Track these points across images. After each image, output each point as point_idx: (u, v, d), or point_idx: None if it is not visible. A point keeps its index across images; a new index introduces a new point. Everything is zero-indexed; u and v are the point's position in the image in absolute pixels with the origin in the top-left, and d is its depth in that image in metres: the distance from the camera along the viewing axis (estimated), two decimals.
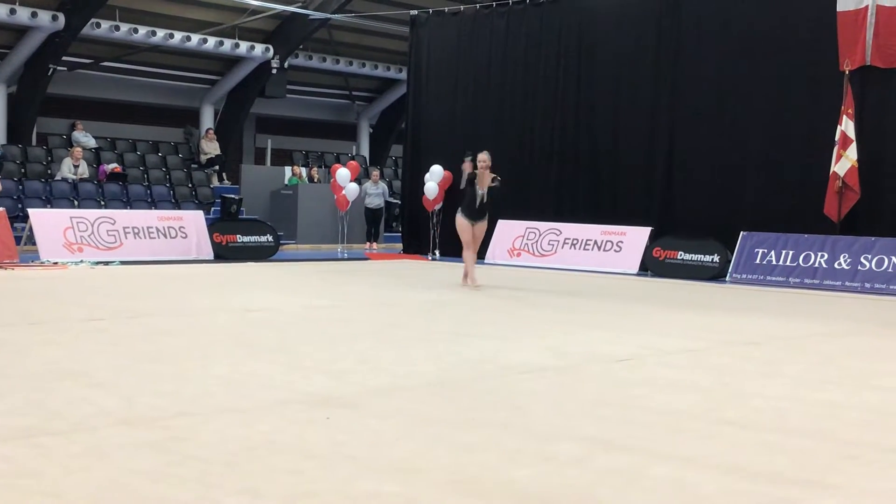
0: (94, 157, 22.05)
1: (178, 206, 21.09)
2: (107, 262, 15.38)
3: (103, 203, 20.07)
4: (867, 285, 13.66)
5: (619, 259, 16.36)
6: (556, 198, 18.09)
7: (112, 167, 21.60)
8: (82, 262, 15.24)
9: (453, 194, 18.16)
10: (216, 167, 23.89)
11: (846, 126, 14.23)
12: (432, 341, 7.94)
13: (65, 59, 21.58)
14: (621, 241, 16.51)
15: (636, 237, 16.35)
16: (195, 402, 5.34)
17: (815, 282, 14.07)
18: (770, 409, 5.56)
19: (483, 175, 12.43)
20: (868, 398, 6.03)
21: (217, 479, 3.93)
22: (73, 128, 22.55)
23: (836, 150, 14.31)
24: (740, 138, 15.82)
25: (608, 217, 16.88)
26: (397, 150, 27.22)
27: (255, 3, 22.17)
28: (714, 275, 15.15)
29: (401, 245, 20.93)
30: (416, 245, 20.07)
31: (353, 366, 6.65)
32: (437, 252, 19.09)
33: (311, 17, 22.97)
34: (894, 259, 13.63)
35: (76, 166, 20.70)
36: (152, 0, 21.75)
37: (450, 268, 15.90)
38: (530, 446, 4.57)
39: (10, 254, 15.02)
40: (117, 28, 21.21)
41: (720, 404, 5.70)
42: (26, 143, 21.68)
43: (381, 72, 26.44)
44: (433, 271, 15.90)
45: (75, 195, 20.17)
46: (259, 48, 23.49)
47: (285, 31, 23.85)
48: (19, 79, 21.60)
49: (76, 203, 19.77)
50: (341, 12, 23.08)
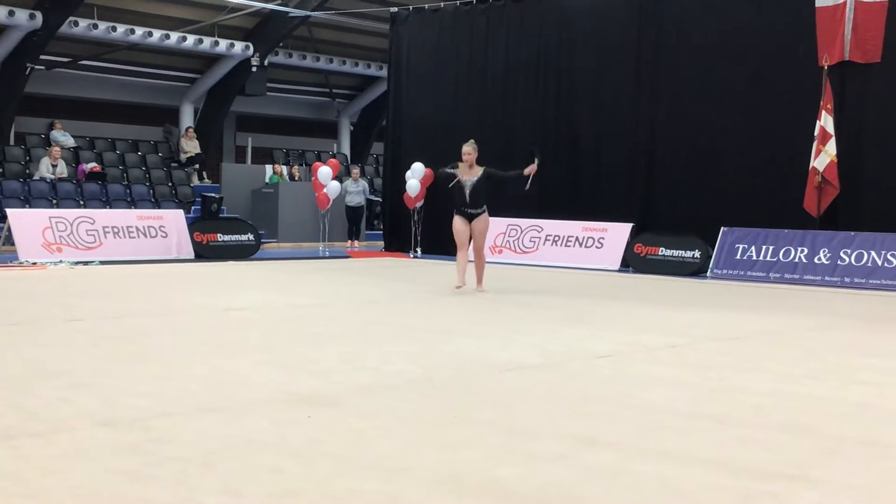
0: (73, 157, 21.93)
1: (158, 205, 20.99)
2: (86, 262, 15.29)
3: (82, 202, 19.96)
4: (847, 280, 13.73)
5: (601, 255, 16.38)
6: (538, 194, 18.05)
7: (91, 166, 21.48)
8: (61, 262, 15.14)
9: (434, 191, 18.16)
10: (196, 166, 23.78)
11: (825, 121, 14.29)
12: (415, 339, 7.92)
13: (43, 57, 21.43)
14: (603, 238, 16.53)
15: (617, 233, 16.38)
16: (175, 402, 5.31)
17: (796, 277, 14.13)
18: (752, 404, 5.57)
19: (468, 168, 11.78)
20: (849, 392, 6.05)
21: (197, 480, 3.90)
22: (51, 127, 22.41)
23: (815, 145, 14.37)
24: (720, 134, 15.88)
25: (589, 213, 16.90)
26: (378, 148, 27.17)
27: (235, 0, 22.08)
28: (695, 270, 15.19)
29: (382, 243, 20.90)
30: (397, 243, 20.05)
31: (335, 364, 6.62)
32: (419, 250, 19.06)
33: (291, 14, 22.90)
34: (873, 254, 13.70)
35: (55, 166, 20.56)
36: None
37: (432, 265, 15.89)
38: (514, 444, 4.56)
39: None
40: (95, 26, 21.07)
41: (703, 400, 5.71)
42: (4, 143, 21.51)
43: (361, 69, 26.39)
44: (415, 269, 15.89)
45: (54, 195, 20.04)
46: (239, 46, 23.39)
47: (265, 29, 23.76)
48: None
49: (55, 203, 19.64)
50: (321, 9, 23.02)
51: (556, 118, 17.90)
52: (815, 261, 14.10)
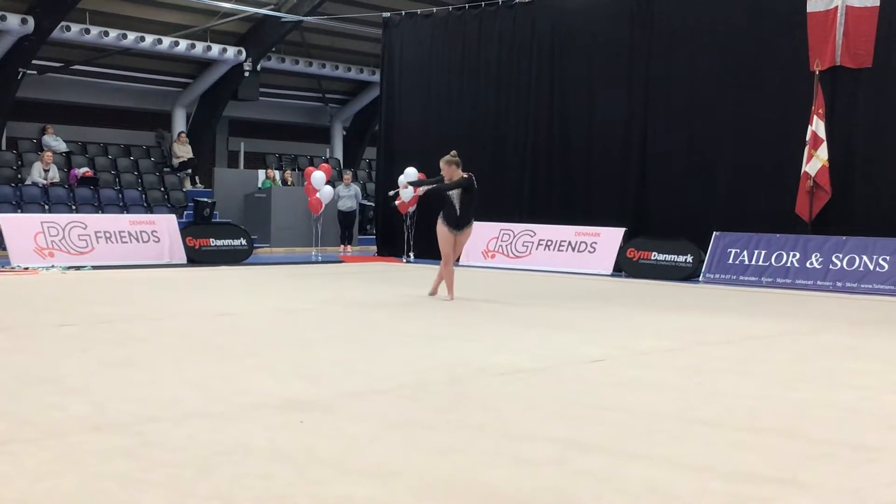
0: (65, 162, 21.89)
1: (150, 209, 20.96)
2: (78, 267, 15.26)
3: (74, 207, 19.92)
4: (839, 284, 13.76)
5: (594, 260, 16.40)
6: (531, 199, 18.12)
7: (83, 171, 21.44)
8: (53, 267, 15.12)
9: (427, 197, 18.15)
10: (189, 171, 23.76)
11: (817, 126, 14.34)
12: (406, 344, 7.92)
13: (35, 62, 21.39)
14: (595, 242, 16.55)
15: (610, 238, 16.40)
16: (167, 408, 5.30)
17: (788, 281, 14.16)
18: (743, 409, 5.58)
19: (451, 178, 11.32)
20: (840, 397, 6.07)
21: (189, 485, 3.90)
22: (43, 132, 22.38)
23: (806, 150, 14.42)
24: (712, 139, 15.93)
25: (582, 218, 16.93)
26: (371, 153, 27.17)
27: (227, 5, 22.08)
28: (687, 275, 15.22)
29: (375, 248, 20.89)
30: (390, 247, 20.04)
31: (327, 369, 6.62)
32: (412, 254, 19.06)
33: (284, 19, 22.90)
34: (865, 258, 13.74)
35: (47, 170, 20.53)
36: (123, 3, 21.60)
37: (424, 270, 15.87)
38: (505, 448, 4.56)
39: None
40: (87, 31, 21.06)
41: (693, 404, 5.72)
42: None
43: (354, 74, 26.40)
44: (407, 274, 15.89)
45: (46, 200, 20.00)
46: (231, 51, 23.39)
47: (257, 34, 23.76)
48: None
49: (47, 208, 19.61)
50: (314, 14, 23.03)
51: (549, 123, 17.93)
52: (807, 265, 14.13)
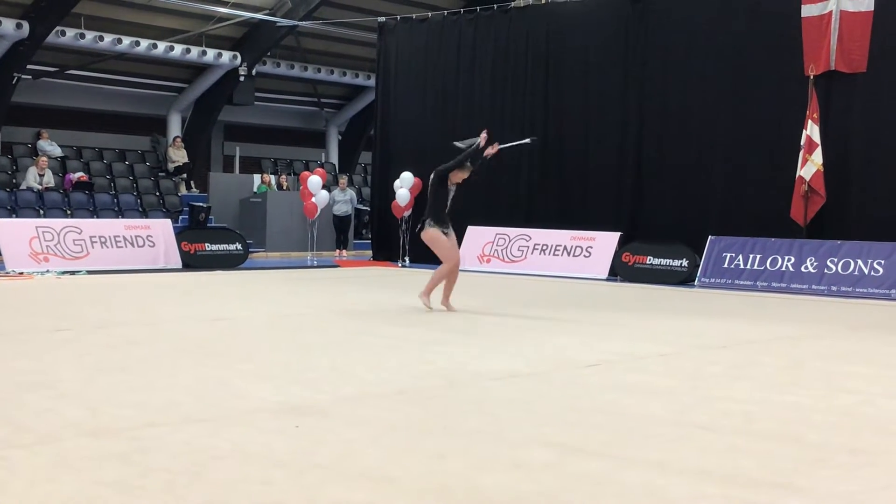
0: (60, 166, 21.86)
1: (145, 214, 20.94)
2: (73, 272, 15.24)
3: (69, 212, 19.90)
4: (834, 288, 13.78)
5: (589, 264, 16.41)
6: (526, 203, 18.13)
7: (78, 176, 21.42)
8: (48, 271, 15.09)
9: (424, 201, 18.15)
10: (184, 175, 23.74)
11: (811, 130, 14.36)
12: (402, 349, 7.92)
13: (30, 67, 21.38)
14: (591, 247, 16.56)
15: (605, 242, 16.41)
16: (163, 413, 5.29)
17: (783, 285, 14.18)
18: (738, 413, 5.58)
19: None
20: (835, 401, 6.07)
21: (185, 490, 3.90)
22: (38, 136, 22.35)
23: (801, 155, 14.43)
24: (707, 143, 15.95)
25: (578, 222, 16.93)
26: (366, 157, 27.18)
27: (223, 10, 22.08)
28: (683, 279, 15.23)
29: (370, 252, 20.89)
30: (385, 252, 20.04)
31: (323, 374, 6.62)
32: (407, 259, 19.06)
33: (279, 24, 22.91)
34: (860, 262, 13.75)
35: (42, 175, 20.50)
36: (118, 7, 21.60)
37: (420, 275, 15.85)
38: (501, 453, 4.56)
39: None
40: (83, 36, 21.04)
41: (689, 408, 5.72)
42: None
43: (349, 79, 26.41)
44: (403, 278, 15.89)
45: (41, 204, 19.98)
46: (226, 55, 23.39)
47: (253, 39, 23.77)
48: None
49: (42, 212, 19.58)
50: (309, 19, 23.04)
51: (544, 127, 17.92)
52: (802, 269, 14.15)
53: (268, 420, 5.16)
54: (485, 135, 10.66)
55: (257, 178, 23.99)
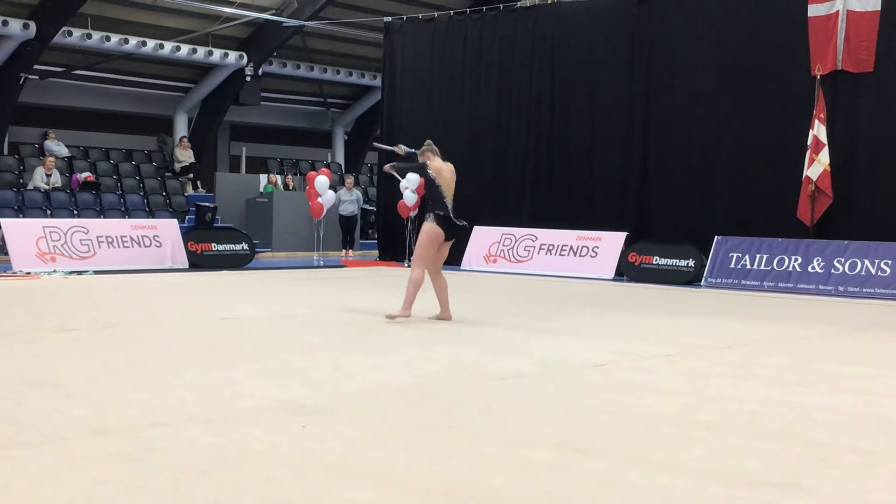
0: (67, 166, 21.90)
1: (152, 214, 20.96)
2: (80, 272, 15.26)
3: (76, 212, 19.93)
4: (840, 288, 13.75)
5: (595, 264, 16.39)
6: (532, 203, 18.11)
7: (85, 176, 21.45)
8: (55, 271, 15.11)
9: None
10: (190, 175, 23.77)
11: (818, 130, 14.33)
12: (408, 348, 7.92)
13: (36, 67, 21.42)
14: (597, 247, 16.55)
15: (612, 242, 16.39)
16: (168, 412, 5.30)
17: (789, 285, 14.15)
18: (744, 413, 5.58)
19: (440, 168, 10.14)
20: (841, 401, 6.06)
21: (189, 489, 3.90)
22: (45, 137, 22.40)
23: (808, 154, 14.40)
24: (714, 143, 15.92)
25: (584, 222, 16.92)
26: (372, 157, 27.18)
27: (229, 10, 22.10)
28: (689, 279, 15.20)
29: (376, 252, 20.89)
30: (391, 252, 20.04)
31: (328, 373, 6.62)
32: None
33: (285, 24, 22.92)
34: (867, 262, 13.72)
35: (49, 175, 20.54)
36: (125, 8, 21.62)
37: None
38: (506, 453, 4.56)
39: None
40: (89, 36, 21.07)
41: (694, 408, 5.71)
42: None
43: (355, 79, 26.41)
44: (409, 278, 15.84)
45: (48, 204, 20.01)
46: (233, 56, 23.40)
47: (259, 39, 23.78)
48: None
49: (49, 212, 19.61)
50: (315, 19, 23.04)
51: (550, 127, 17.92)
52: (809, 269, 14.12)
53: (273, 419, 5.16)
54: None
55: (264, 178, 24.00)
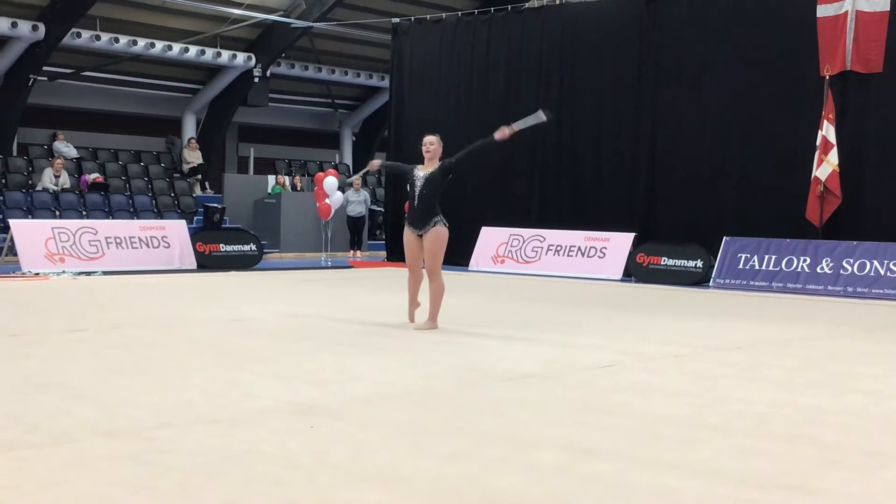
0: (76, 167, 21.97)
1: (160, 215, 21.01)
2: (89, 273, 15.30)
3: (85, 213, 19.99)
4: (849, 289, 13.72)
5: (603, 265, 16.38)
6: (540, 204, 18.11)
7: (94, 177, 21.52)
8: (64, 272, 15.15)
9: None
10: (199, 176, 23.83)
11: (827, 131, 14.30)
12: (415, 349, 7.92)
13: (45, 69, 21.50)
14: (605, 248, 16.54)
15: (620, 243, 16.38)
16: (176, 413, 5.31)
17: (798, 286, 14.12)
18: (752, 414, 5.56)
19: (427, 164, 9.79)
20: (850, 402, 6.04)
21: (198, 491, 3.90)
22: (54, 138, 22.47)
23: (817, 155, 14.38)
24: (722, 143, 15.90)
25: (592, 223, 16.91)
26: (380, 159, 27.19)
27: (237, 11, 22.14)
28: (697, 280, 15.18)
29: (384, 253, 20.89)
30: (399, 253, 19.91)
31: (336, 375, 6.62)
32: (423, 260, 19.02)
33: (293, 25, 22.95)
34: (876, 263, 13.69)
35: (57, 176, 20.60)
36: (133, 9, 21.69)
37: None
38: (513, 454, 4.56)
39: None
40: (98, 38, 21.14)
41: (702, 409, 5.70)
42: (7, 154, 21.57)
43: (363, 80, 26.44)
44: None
45: (57, 205, 20.08)
46: (241, 57, 23.45)
47: (267, 40, 23.82)
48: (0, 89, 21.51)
49: (58, 213, 19.68)
50: (323, 20, 23.08)
51: (558, 128, 17.89)
52: (818, 270, 14.09)
53: (281, 421, 5.17)
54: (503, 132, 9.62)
55: (272, 178, 24.05)
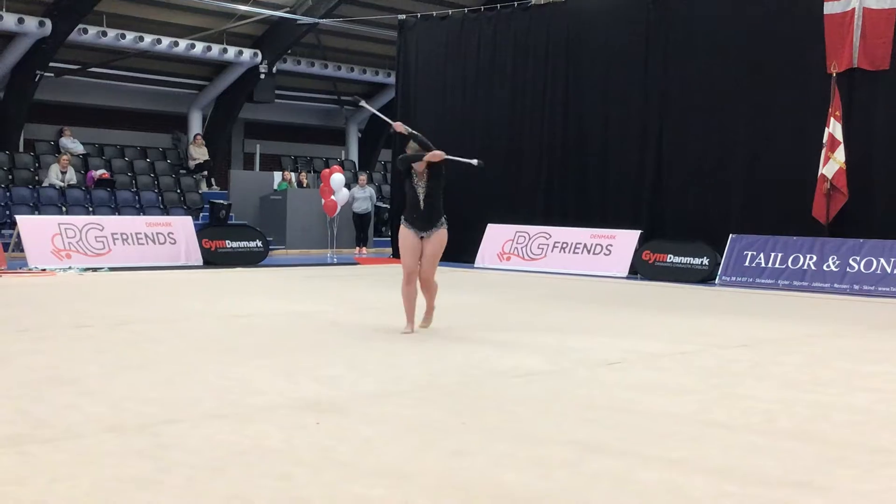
0: (82, 164, 21.99)
1: (166, 211, 21.03)
2: (95, 269, 15.33)
3: (91, 209, 20.00)
4: (856, 287, 13.69)
5: (609, 262, 16.37)
6: (546, 201, 18.10)
7: (100, 173, 21.53)
8: (70, 268, 15.18)
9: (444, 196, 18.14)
10: (205, 173, 23.84)
11: (834, 128, 14.27)
12: (421, 346, 7.93)
13: (52, 65, 21.50)
14: (611, 245, 16.52)
15: (625, 240, 16.37)
16: (183, 409, 5.32)
17: (804, 284, 14.09)
18: (759, 411, 5.56)
19: (421, 164, 8.96)
20: (856, 399, 6.04)
21: (205, 486, 3.91)
22: (60, 134, 22.49)
23: (823, 153, 14.34)
24: (729, 141, 15.86)
25: (597, 220, 16.89)
26: (386, 155, 27.21)
27: (243, 7, 22.14)
28: (703, 277, 15.17)
29: (390, 249, 20.89)
30: None
31: (342, 371, 6.63)
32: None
33: (299, 21, 22.95)
34: (883, 261, 13.66)
35: (64, 172, 20.63)
36: (140, 5, 21.69)
37: (438, 272, 15.86)
38: (520, 450, 4.56)
39: None
40: (104, 34, 21.14)
41: (709, 407, 5.70)
42: (13, 150, 21.59)
43: (369, 76, 26.42)
44: None
45: (63, 201, 20.10)
46: (247, 53, 23.45)
47: (273, 36, 23.82)
48: (6, 85, 21.51)
49: (64, 209, 19.69)
50: (329, 17, 23.06)
51: (564, 125, 17.90)
52: (824, 268, 14.06)
53: (287, 416, 5.17)
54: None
55: (278, 175, 24.05)
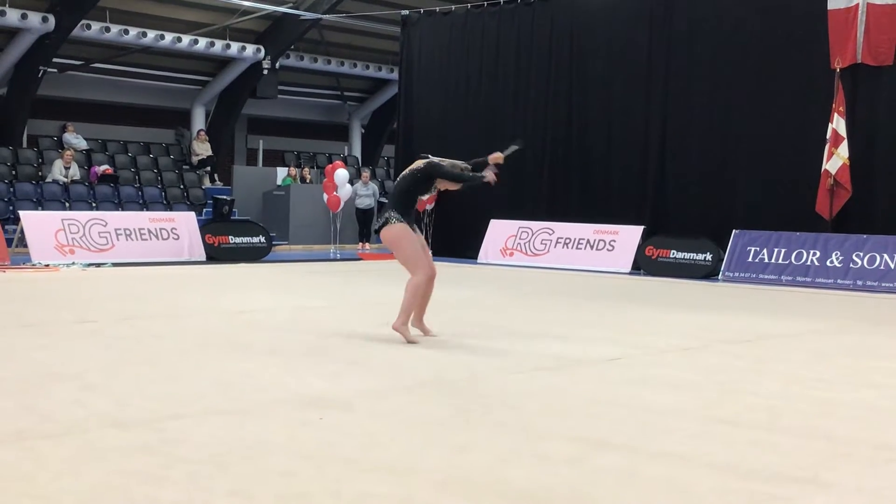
0: (86, 159, 22.01)
1: (169, 207, 21.05)
2: (98, 264, 15.34)
3: (95, 205, 20.02)
4: (859, 283, 13.68)
5: (612, 258, 16.36)
6: (549, 197, 18.09)
7: (103, 169, 21.55)
8: (74, 264, 15.19)
9: (446, 194, 18.14)
10: (208, 168, 23.85)
11: (837, 124, 14.25)
12: (424, 342, 7.92)
13: (55, 60, 21.51)
14: (614, 241, 16.51)
15: (629, 236, 16.36)
16: (187, 404, 5.32)
17: (808, 280, 14.09)
18: (763, 407, 5.56)
19: (454, 185, 8.61)
20: (860, 395, 6.03)
21: (209, 481, 3.92)
22: (63, 129, 22.51)
23: (827, 148, 14.33)
24: (732, 136, 15.85)
25: (601, 216, 16.88)
26: (389, 151, 27.19)
27: (246, 3, 22.13)
28: (707, 273, 15.16)
29: None
30: None
31: (346, 367, 6.63)
32: (430, 252, 19.03)
33: (302, 17, 22.94)
34: (886, 256, 13.65)
35: (67, 168, 20.64)
36: (143, 1, 21.69)
37: (442, 268, 15.87)
38: (524, 446, 4.56)
39: (1, 256, 14.97)
40: (108, 29, 21.15)
41: (713, 403, 5.70)
42: (17, 146, 21.62)
43: (372, 72, 26.41)
44: None
45: (66, 197, 20.12)
46: (250, 49, 23.44)
47: (276, 32, 23.81)
48: (9, 81, 21.53)
49: (67, 205, 19.71)
50: (332, 12, 23.05)
51: (567, 121, 17.88)
52: (828, 264, 14.05)
53: (291, 412, 5.18)
54: (492, 176, 8.27)
55: (281, 171, 24.05)
